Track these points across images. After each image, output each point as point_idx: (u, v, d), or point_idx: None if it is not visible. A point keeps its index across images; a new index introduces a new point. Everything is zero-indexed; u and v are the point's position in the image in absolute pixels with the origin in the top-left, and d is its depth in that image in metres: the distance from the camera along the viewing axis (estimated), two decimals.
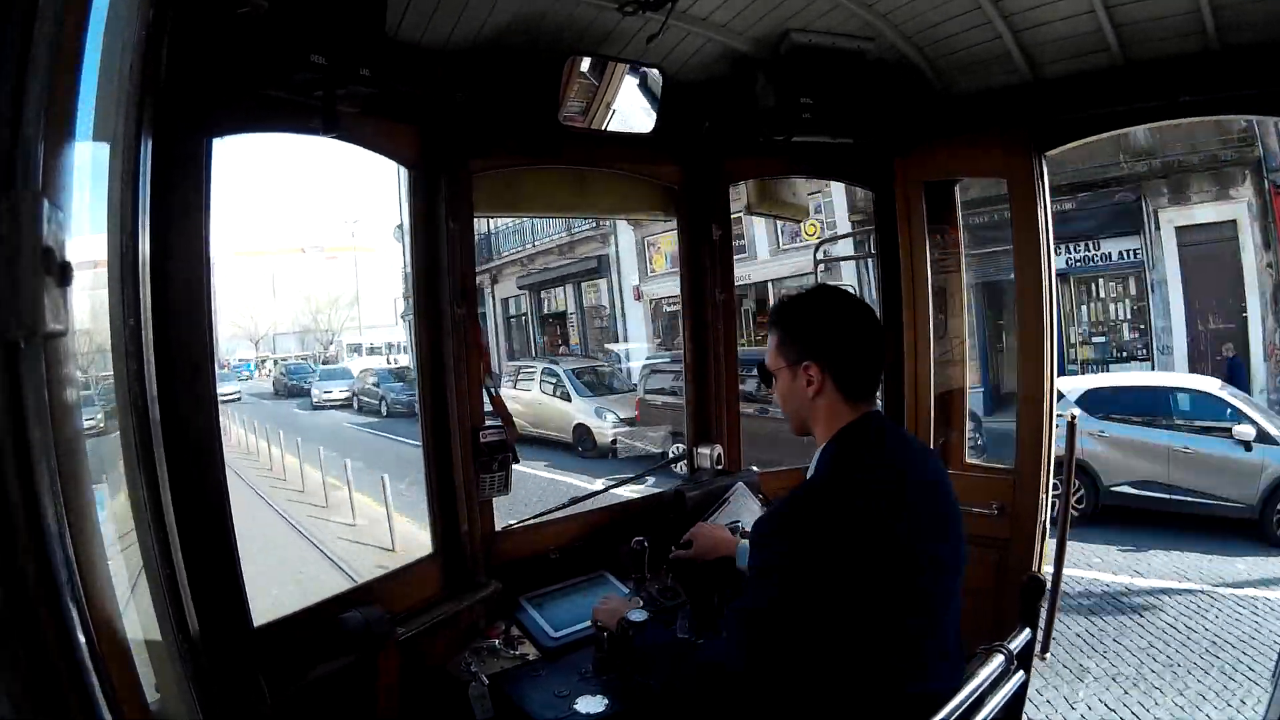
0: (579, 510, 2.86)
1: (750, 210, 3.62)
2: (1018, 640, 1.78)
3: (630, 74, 2.56)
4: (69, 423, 0.76)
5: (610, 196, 3.15)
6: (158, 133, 1.48)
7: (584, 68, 2.47)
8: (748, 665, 1.53)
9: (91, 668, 0.72)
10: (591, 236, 25.02)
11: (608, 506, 2.94)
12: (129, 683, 0.93)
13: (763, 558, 1.59)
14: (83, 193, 1.16)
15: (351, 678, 1.97)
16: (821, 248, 16.46)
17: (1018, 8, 2.46)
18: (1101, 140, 3.07)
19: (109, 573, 0.85)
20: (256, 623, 1.89)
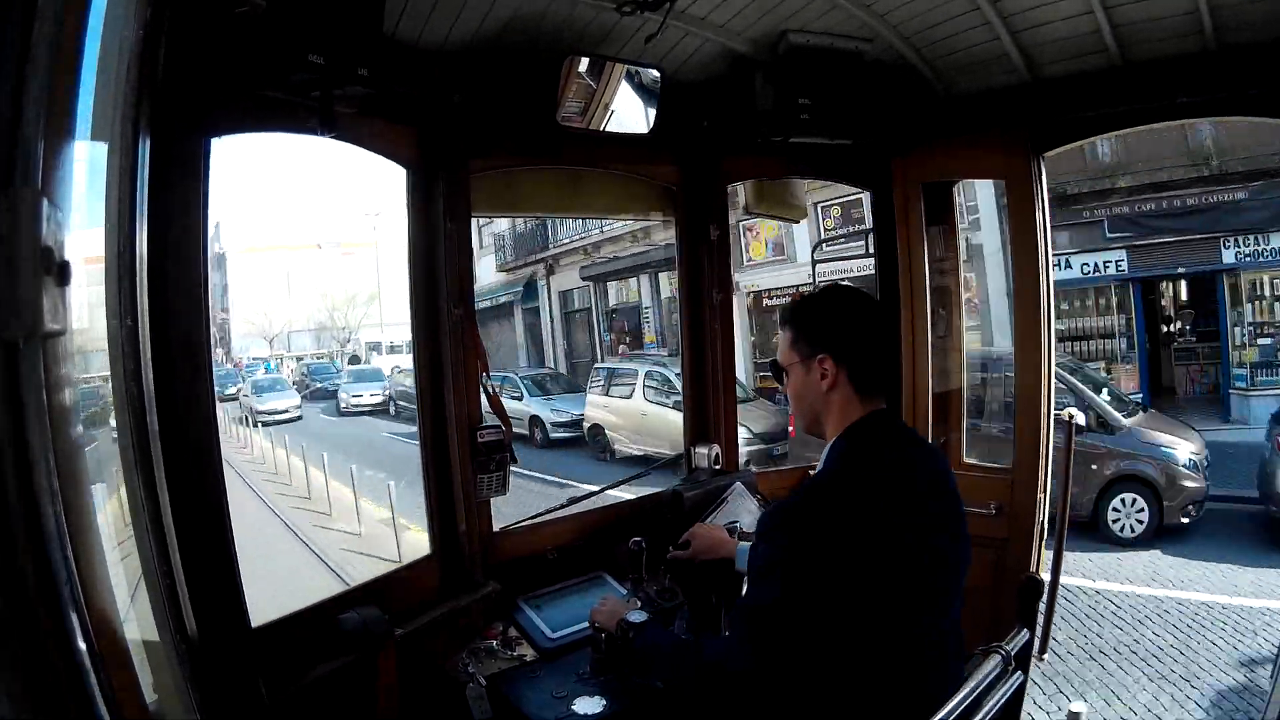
0: (577, 511, 2.85)
1: (748, 210, 3.62)
2: (1015, 641, 1.78)
3: (628, 74, 2.56)
4: (68, 422, 0.76)
5: (608, 196, 3.16)
6: (155, 132, 1.47)
7: (582, 68, 2.47)
8: (754, 662, 1.52)
9: (91, 668, 0.72)
10: (672, 220, 21.87)
11: (606, 507, 2.94)
12: (128, 683, 0.92)
13: (769, 553, 1.58)
14: (81, 192, 1.15)
15: (350, 678, 1.96)
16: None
17: (1016, 8, 2.46)
18: None
19: (108, 573, 0.85)
20: (255, 623, 1.89)
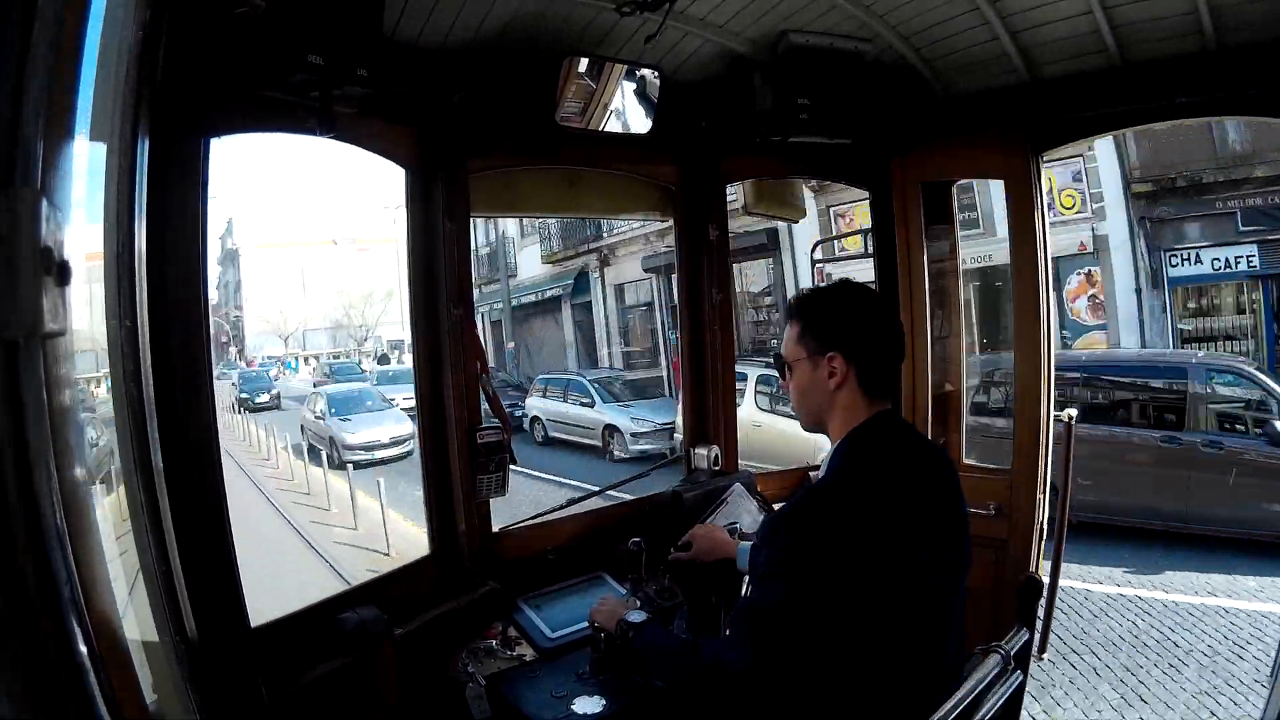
0: (576, 511, 2.85)
1: (747, 210, 3.62)
2: (1015, 641, 1.78)
3: (628, 74, 2.56)
4: (68, 422, 0.76)
5: (608, 197, 3.16)
6: (154, 133, 1.47)
7: (581, 68, 2.47)
8: (755, 663, 1.51)
9: (90, 668, 0.72)
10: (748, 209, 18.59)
11: (605, 507, 2.94)
12: (128, 683, 0.92)
13: (773, 555, 1.58)
14: (81, 192, 1.15)
15: (349, 678, 1.96)
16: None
17: (1015, 8, 2.46)
18: None
19: (108, 573, 0.85)
20: (254, 623, 1.89)
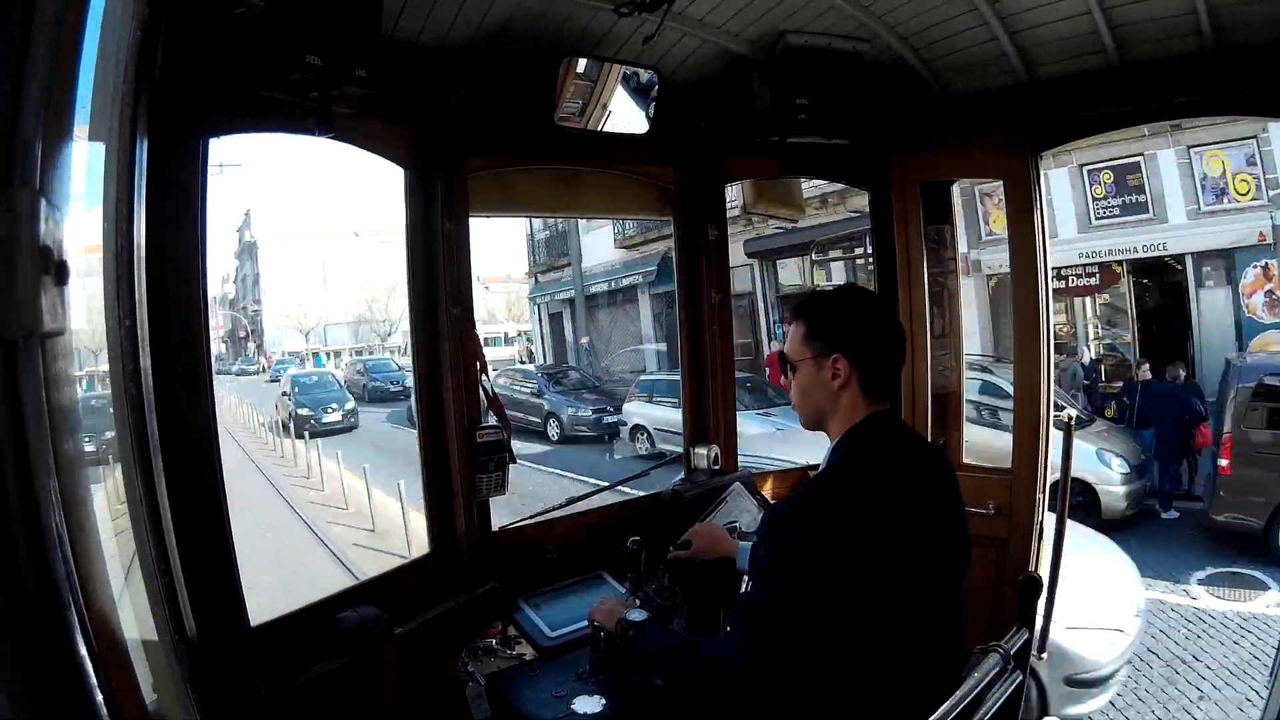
0: (576, 510, 2.86)
1: (746, 210, 3.62)
2: (1014, 641, 1.78)
3: (626, 74, 2.55)
4: (68, 422, 0.76)
5: (607, 197, 3.16)
6: (153, 133, 1.47)
7: (580, 68, 2.47)
8: (756, 658, 1.52)
9: (90, 668, 0.72)
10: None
11: (605, 506, 2.94)
12: (127, 683, 0.92)
13: (773, 550, 1.58)
14: (79, 192, 1.15)
15: (348, 678, 1.96)
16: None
17: (1014, 9, 2.46)
18: None
19: (107, 573, 0.85)
20: (254, 622, 1.89)
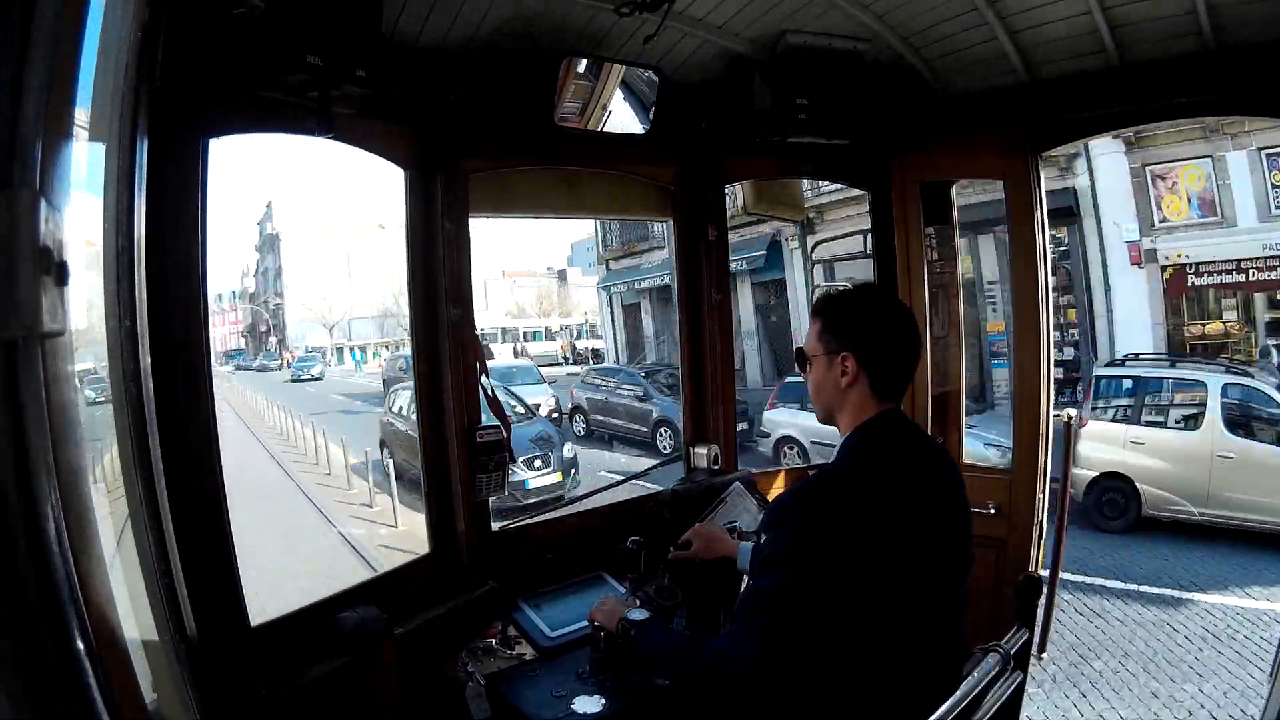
0: (576, 510, 2.86)
1: (746, 210, 3.63)
2: (1014, 640, 1.78)
3: (627, 74, 2.55)
4: (67, 422, 0.76)
5: (607, 197, 3.15)
6: (153, 133, 1.47)
7: (580, 68, 2.47)
8: (758, 652, 1.51)
9: (90, 668, 0.72)
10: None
11: (605, 506, 2.93)
12: (127, 683, 0.92)
13: (776, 542, 1.59)
14: (81, 192, 1.15)
15: (348, 677, 1.96)
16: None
17: (1014, 9, 2.46)
18: None
19: (108, 573, 0.85)
20: (254, 622, 1.89)
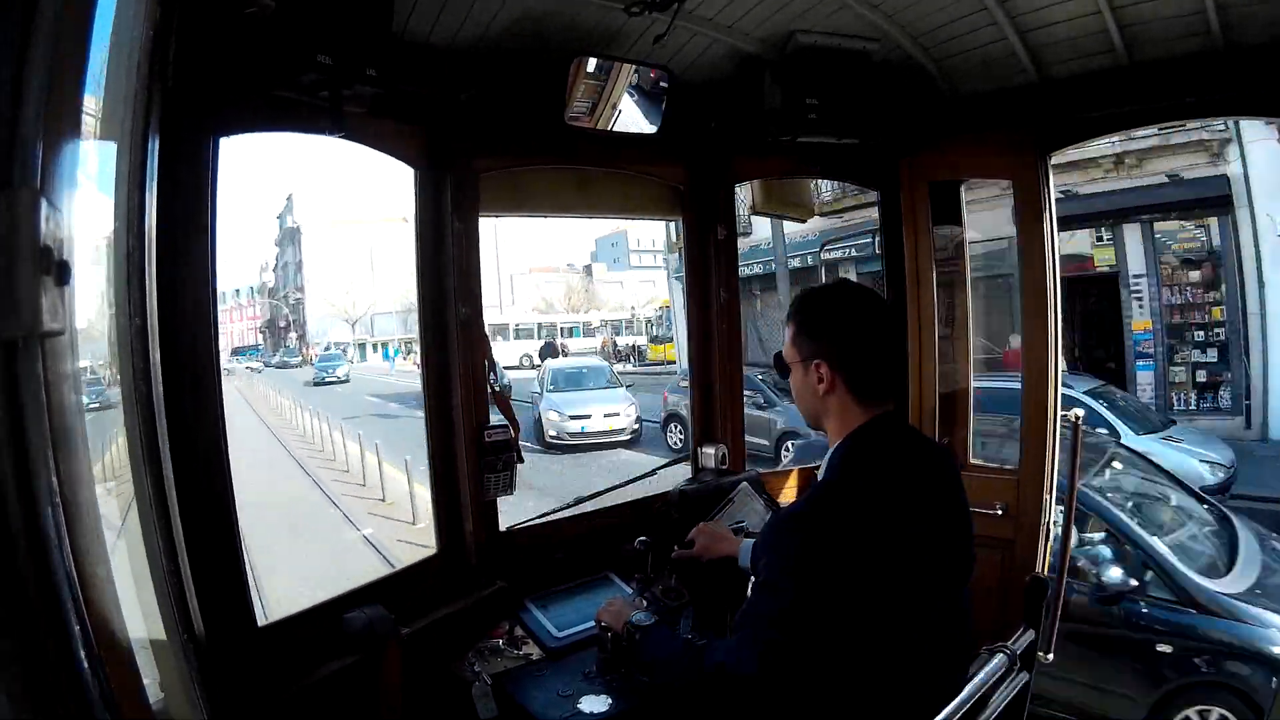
0: (583, 510, 2.86)
1: (756, 210, 3.62)
2: (1021, 641, 1.77)
3: (636, 74, 2.55)
4: (67, 422, 0.76)
5: (616, 196, 3.15)
6: (165, 132, 1.48)
7: (590, 68, 2.47)
8: (759, 669, 1.50)
9: (90, 668, 0.72)
10: (1186, 144, 12.59)
11: (612, 506, 2.93)
12: (130, 683, 0.93)
13: (773, 561, 1.57)
14: (90, 191, 1.16)
15: (355, 677, 1.97)
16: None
17: (1024, 8, 2.44)
18: None
19: (110, 573, 0.85)
20: (261, 622, 1.90)
